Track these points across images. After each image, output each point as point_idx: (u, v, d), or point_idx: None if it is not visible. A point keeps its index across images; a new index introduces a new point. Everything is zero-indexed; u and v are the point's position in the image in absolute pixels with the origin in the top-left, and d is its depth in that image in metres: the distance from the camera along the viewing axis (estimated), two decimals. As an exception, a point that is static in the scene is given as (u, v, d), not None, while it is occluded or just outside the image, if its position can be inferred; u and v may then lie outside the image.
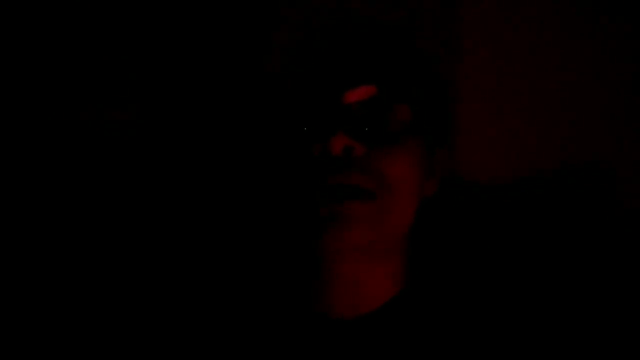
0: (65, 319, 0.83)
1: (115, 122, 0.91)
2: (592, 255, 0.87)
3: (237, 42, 0.91)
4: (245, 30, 0.90)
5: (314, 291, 0.71)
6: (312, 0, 0.75)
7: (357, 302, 0.71)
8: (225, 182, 0.89)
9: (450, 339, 0.71)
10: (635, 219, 0.90)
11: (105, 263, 0.87)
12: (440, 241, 0.83)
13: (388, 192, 0.66)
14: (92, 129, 0.91)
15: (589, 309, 0.80)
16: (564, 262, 0.86)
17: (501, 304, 0.74)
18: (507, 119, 1.00)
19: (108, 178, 0.90)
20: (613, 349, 0.77)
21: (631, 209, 0.91)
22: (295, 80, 0.69)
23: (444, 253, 0.81)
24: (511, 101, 1.00)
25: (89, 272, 0.87)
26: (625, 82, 0.97)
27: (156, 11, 0.92)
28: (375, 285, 0.71)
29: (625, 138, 0.95)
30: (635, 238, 0.88)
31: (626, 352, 0.78)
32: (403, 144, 0.68)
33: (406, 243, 0.73)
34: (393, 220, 0.68)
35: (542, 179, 0.93)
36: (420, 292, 0.73)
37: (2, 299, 0.86)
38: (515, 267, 0.85)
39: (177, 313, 0.75)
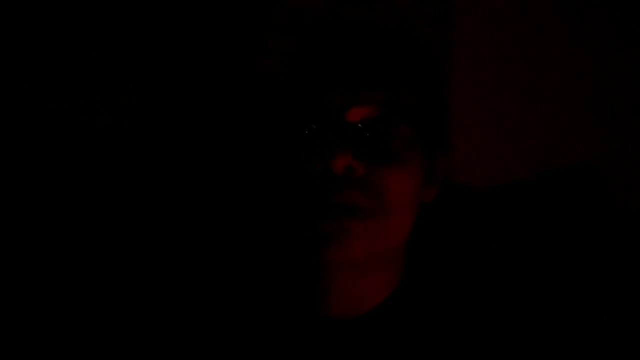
0: (62, 320, 0.83)
1: (110, 123, 0.91)
2: (588, 258, 0.88)
3: (235, 45, 0.92)
4: (243, 34, 0.91)
5: (313, 294, 0.72)
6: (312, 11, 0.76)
7: (354, 303, 0.71)
8: (226, 184, 0.89)
9: (446, 336, 0.71)
10: (633, 219, 0.90)
11: (104, 264, 0.87)
12: (437, 242, 0.83)
13: (387, 210, 0.67)
14: (87, 131, 0.91)
15: (586, 310, 0.80)
16: (558, 263, 0.86)
17: (496, 303, 0.74)
18: (505, 124, 1.00)
19: (105, 180, 0.90)
20: (611, 347, 0.77)
21: (628, 210, 0.91)
22: (300, 91, 0.68)
23: (439, 253, 0.81)
24: (508, 107, 1.01)
25: (87, 273, 0.87)
26: (622, 84, 0.97)
27: (151, 15, 0.93)
28: (373, 288, 0.72)
29: (623, 140, 0.96)
30: (632, 239, 0.88)
31: (625, 351, 0.78)
32: (403, 162, 0.68)
33: (404, 249, 0.74)
34: (392, 235, 0.69)
35: (538, 183, 0.93)
36: (417, 291, 0.74)
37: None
38: (510, 268, 0.85)
39: (178, 313, 0.75)
